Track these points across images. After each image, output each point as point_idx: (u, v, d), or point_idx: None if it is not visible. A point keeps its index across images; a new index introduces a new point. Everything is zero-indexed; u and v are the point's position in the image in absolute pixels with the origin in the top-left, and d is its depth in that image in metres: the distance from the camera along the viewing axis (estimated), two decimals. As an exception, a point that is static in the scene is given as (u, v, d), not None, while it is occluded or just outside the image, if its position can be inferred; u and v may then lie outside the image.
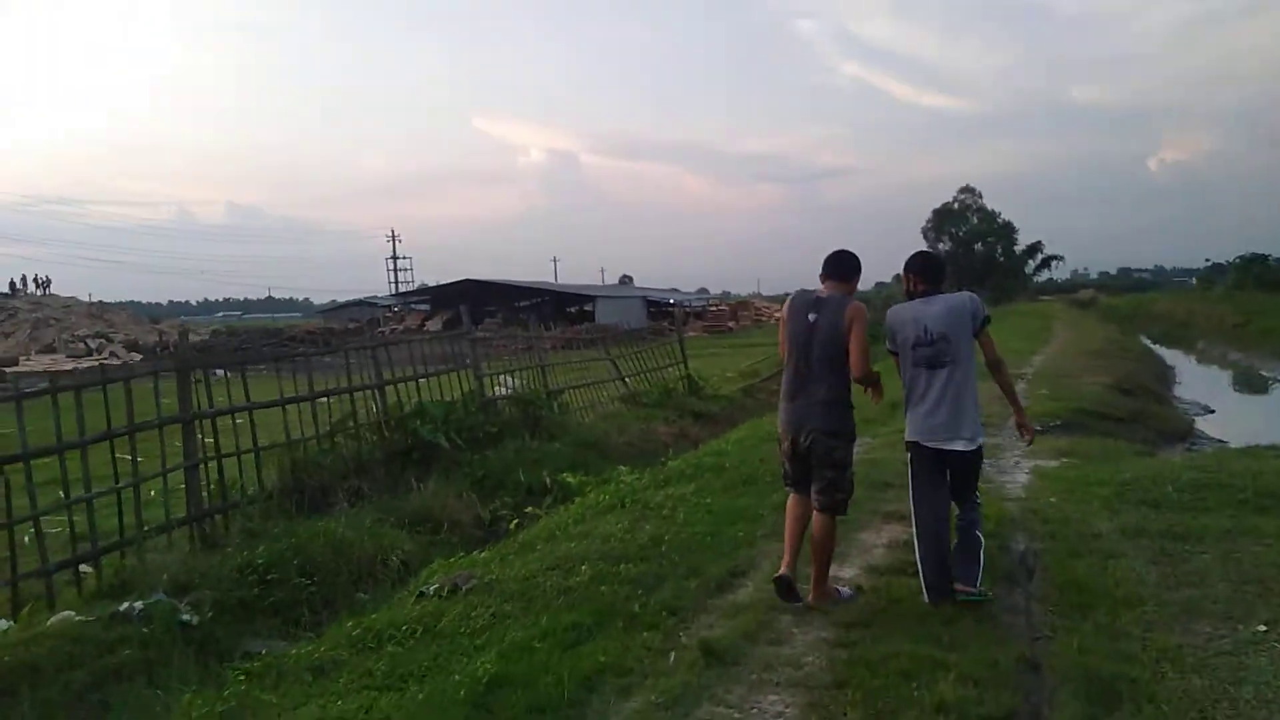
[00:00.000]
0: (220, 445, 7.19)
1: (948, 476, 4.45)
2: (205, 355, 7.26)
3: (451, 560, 5.94)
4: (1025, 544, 5.42)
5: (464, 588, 5.02)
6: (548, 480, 8.85)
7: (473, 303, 55.84)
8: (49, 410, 5.97)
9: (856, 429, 4.56)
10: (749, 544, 5.65)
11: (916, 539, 4.45)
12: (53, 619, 5.31)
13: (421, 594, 5.05)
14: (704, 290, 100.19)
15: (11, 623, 5.35)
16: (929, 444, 4.38)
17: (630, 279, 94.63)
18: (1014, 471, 7.61)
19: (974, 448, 4.39)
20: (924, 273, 4.56)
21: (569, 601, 4.65)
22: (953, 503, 4.54)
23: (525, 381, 12.40)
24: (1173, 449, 11.08)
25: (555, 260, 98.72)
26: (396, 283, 73.91)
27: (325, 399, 8.39)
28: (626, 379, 14.80)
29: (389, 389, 9.31)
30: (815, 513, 4.46)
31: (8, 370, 27.41)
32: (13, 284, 51.92)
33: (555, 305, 59.20)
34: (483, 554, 5.81)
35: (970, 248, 70.27)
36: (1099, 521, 5.72)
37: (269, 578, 5.92)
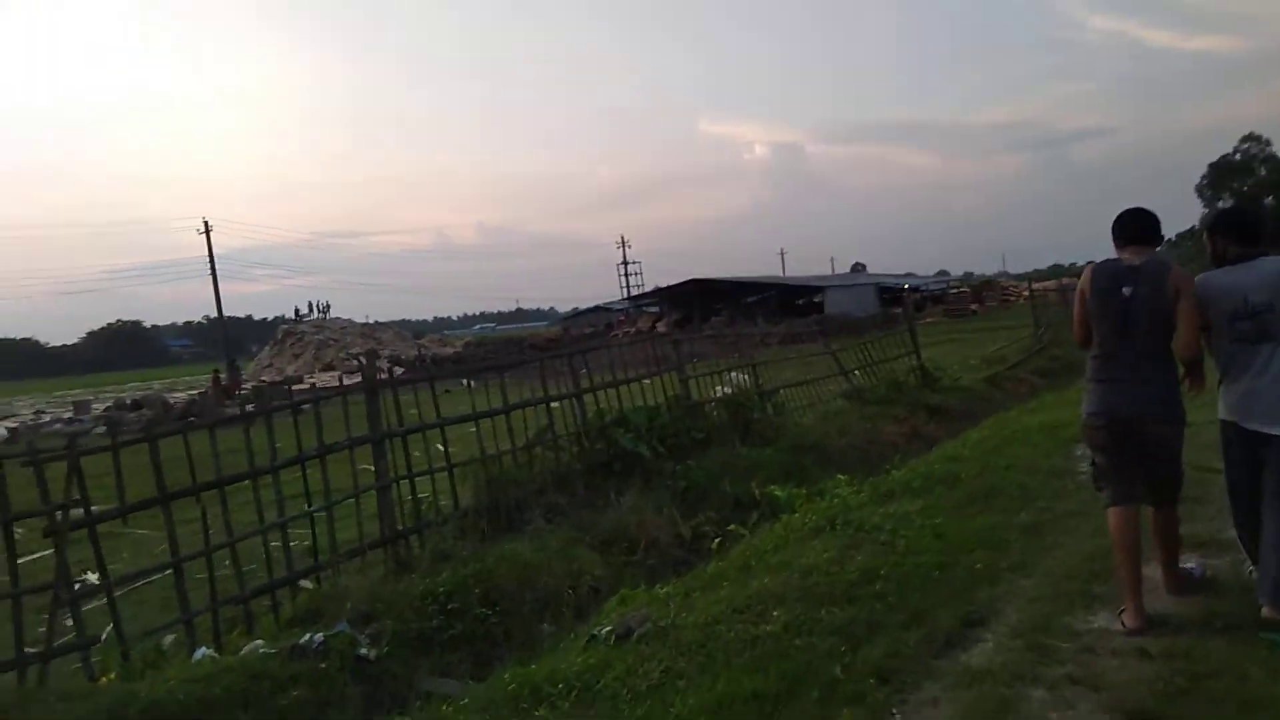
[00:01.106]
0: (411, 464, 7.02)
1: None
2: (392, 376, 7.13)
3: (635, 592, 5.29)
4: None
5: (637, 631, 4.34)
6: (756, 493, 8.02)
7: (700, 302, 56.16)
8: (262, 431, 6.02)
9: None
10: (990, 580, 4.54)
11: (1238, 529, 4.00)
12: (244, 648, 5.24)
13: (592, 638, 4.43)
14: (943, 273, 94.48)
15: (212, 651, 5.35)
16: (1248, 426, 3.79)
17: (863, 266, 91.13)
18: None
19: None
20: (1240, 232, 3.93)
21: (754, 658, 3.83)
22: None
23: (739, 382, 11.66)
24: None
25: (782, 253, 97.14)
26: (628, 287, 75.65)
27: (522, 410, 8.08)
28: (850, 373, 13.60)
29: (590, 397, 8.91)
30: (1157, 510, 3.98)
31: (293, 387, 30.63)
32: (297, 311, 58.49)
33: (782, 299, 58.05)
34: (664, 588, 5.10)
35: (1259, 203, 61.02)
36: None
37: (450, 607, 5.58)
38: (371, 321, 64.38)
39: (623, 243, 76.71)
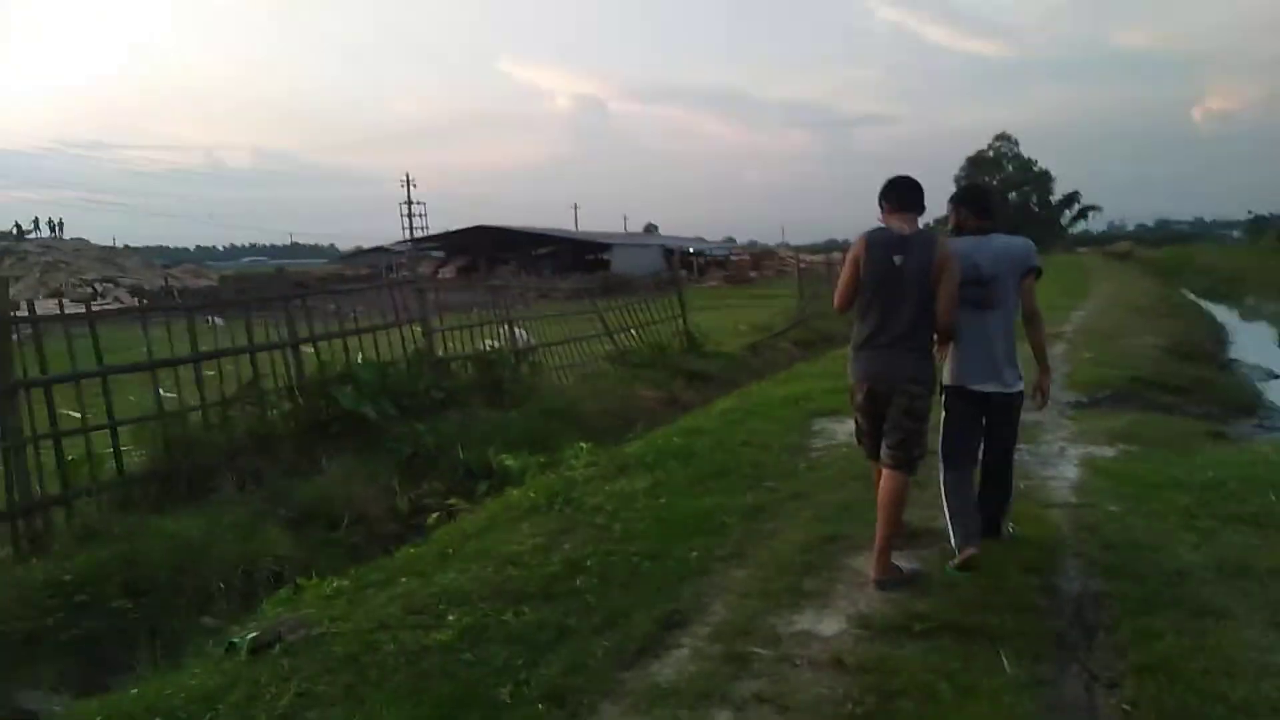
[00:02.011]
0: (57, 420, 5.77)
1: (983, 424, 4.22)
2: (33, 313, 5.78)
3: (311, 583, 4.51)
4: (1081, 583, 3.90)
5: (288, 639, 3.59)
6: (494, 461, 7.39)
7: (488, 250, 54.44)
8: None
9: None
10: (700, 572, 4.16)
11: (946, 493, 4.16)
12: None
13: (231, 645, 3.62)
14: (730, 239, 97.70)
15: None
16: (972, 387, 4.12)
17: (655, 227, 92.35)
18: (1059, 462, 6.04)
19: (1017, 390, 4.17)
20: (978, 207, 4.27)
21: (413, 677, 3.19)
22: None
23: (509, 337, 10.96)
24: (1243, 425, 9.41)
25: (575, 207, 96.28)
26: (412, 229, 72.02)
27: (217, 360, 6.93)
28: (615, 335, 13.25)
29: (322, 346, 7.88)
30: (886, 471, 4.00)
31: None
32: (18, 226, 50.98)
33: (572, 253, 57.56)
34: (336, 582, 4.35)
35: (1005, 197, 67.68)
36: (1182, 549, 4.17)
37: (78, 599, 4.55)
38: (119, 245, 57.48)
39: (407, 180, 72.60)
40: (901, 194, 4.04)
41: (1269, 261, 37.25)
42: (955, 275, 3.92)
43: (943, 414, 4.23)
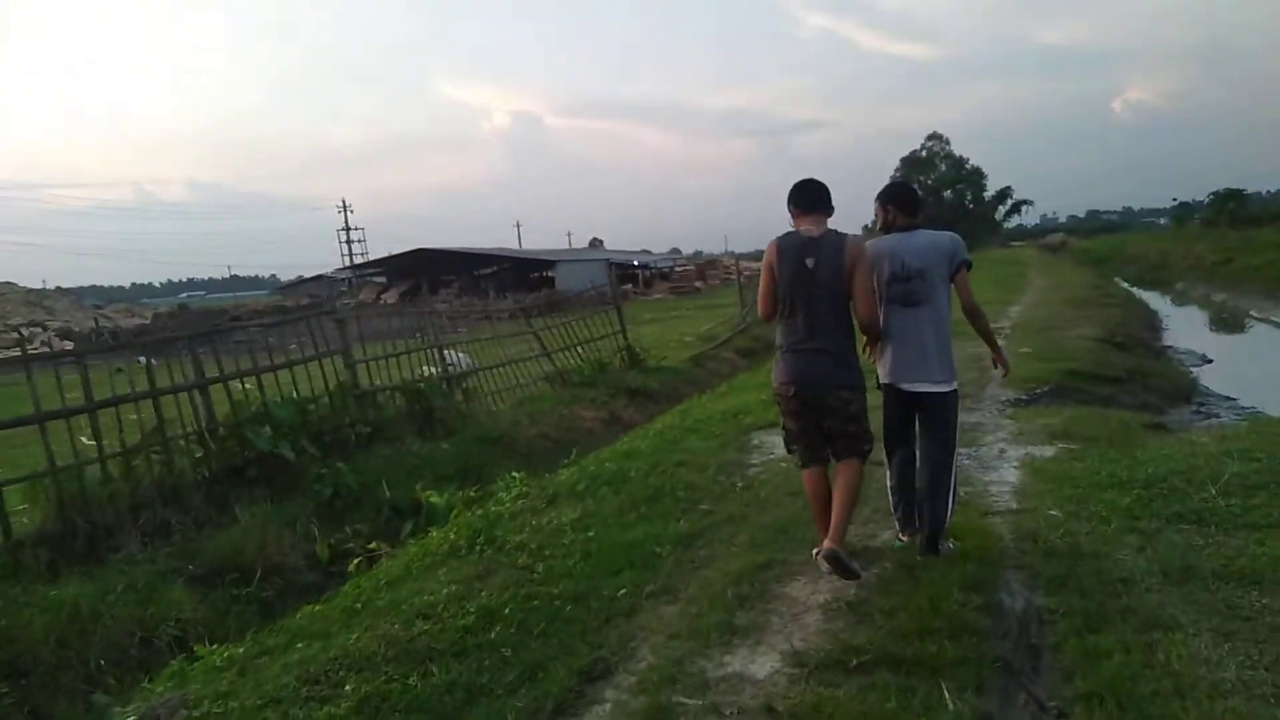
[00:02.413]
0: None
1: (916, 422, 4.21)
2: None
3: (208, 651, 4.13)
4: (1024, 599, 3.71)
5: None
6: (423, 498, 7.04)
7: (429, 273, 53.71)
8: None
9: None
10: (628, 611, 3.89)
11: (889, 473, 4.31)
12: None
13: (105, 733, 3.26)
14: (676, 250, 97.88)
15: None
16: (903, 385, 4.13)
17: (600, 242, 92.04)
18: (999, 465, 5.89)
19: (949, 389, 4.13)
20: (902, 203, 4.24)
21: (299, 762, 2.87)
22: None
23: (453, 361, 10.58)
24: (1181, 413, 9.46)
25: (518, 225, 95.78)
26: (351, 255, 70.87)
27: (115, 407, 6.49)
28: (553, 354, 12.95)
29: (239, 385, 7.46)
30: (841, 462, 4.03)
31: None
32: (-63, 274, 48.91)
33: (516, 272, 57.05)
34: (227, 651, 3.98)
35: (940, 195, 68.94)
36: (1125, 553, 4.01)
37: (-57, 687, 4.12)
38: (51, 288, 55.62)
39: (344, 206, 71.58)
40: (807, 196, 4.05)
41: (1194, 247, 38.24)
42: (869, 272, 3.92)
43: (883, 414, 4.27)
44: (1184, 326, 18.78)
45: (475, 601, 4.05)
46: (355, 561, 5.81)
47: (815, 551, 4.02)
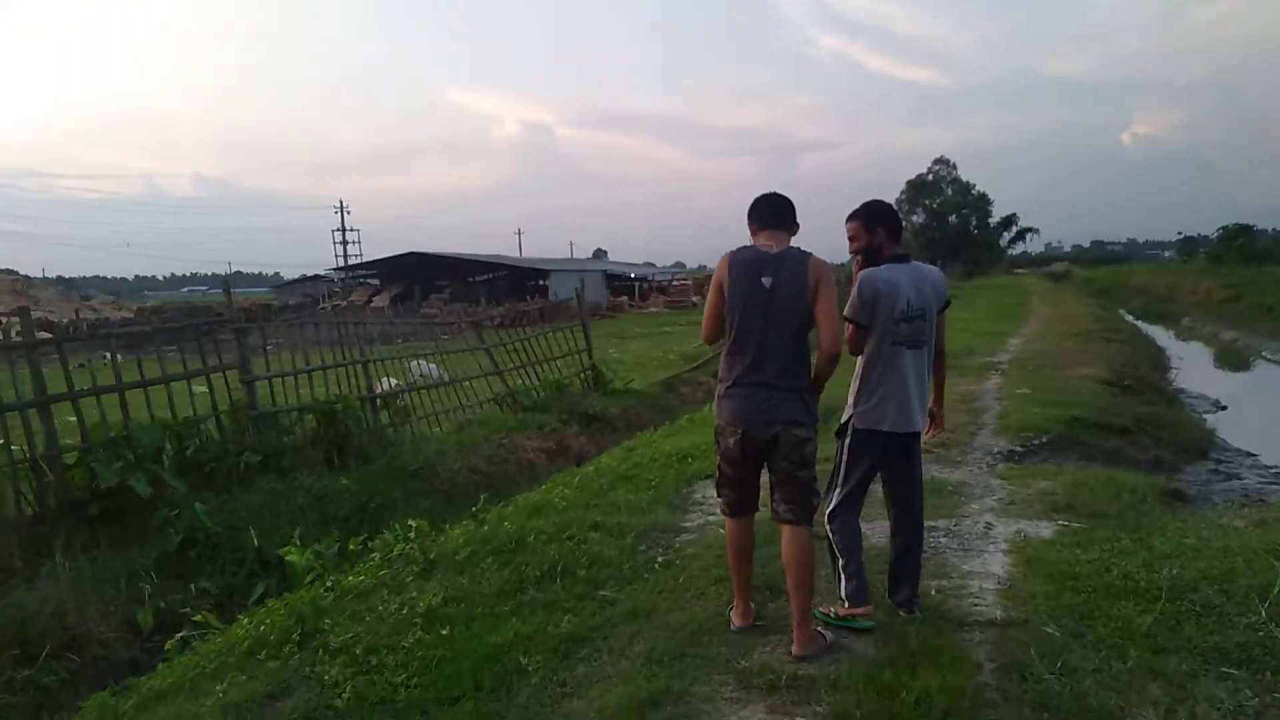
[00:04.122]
0: None
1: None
2: None
3: None
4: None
5: None
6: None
7: (423, 277, 52.87)
8: None
9: None
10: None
11: (838, 539, 3.73)
12: None
13: None
14: (680, 264, 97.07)
15: None
16: (889, 430, 3.66)
17: (604, 253, 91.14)
18: (983, 547, 4.74)
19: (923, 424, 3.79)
20: (893, 227, 3.78)
21: None
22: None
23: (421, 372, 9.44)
24: (1197, 472, 8.31)
25: (519, 232, 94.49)
26: (346, 256, 69.79)
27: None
28: (504, 374, 11.81)
29: (99, 400, 6.33)
30: (788, 529, 3.48)
31: None
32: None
33: (513, 280, 55.94)
34: None
35: (945, 220, 67.91)
36: (1148, 715, 2.87)
37: None
38: (52, 277, 54.62)
39: (341, 207, 70.63)
40: (769, 209, 3.59)
41: (1201, 282, 37.17)
42: (835, 296, 3.44)
43: (843, 455, 3.76)
44: (1193, 366, 17.62)
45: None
46: (175, 639, 4.64)
47: (729, 621, 3.70)
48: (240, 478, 6.95)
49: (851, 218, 3.78)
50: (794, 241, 3.62)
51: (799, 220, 3.65)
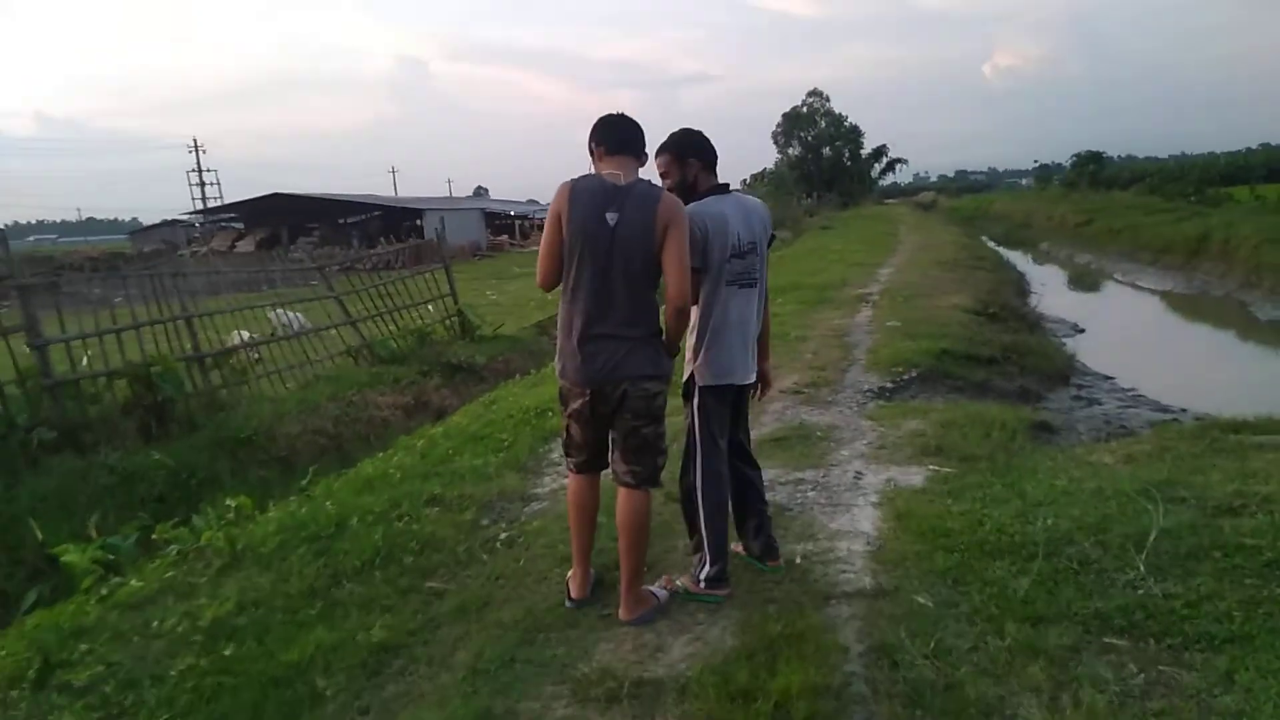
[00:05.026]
0: None
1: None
2: None
3: None
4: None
5: None
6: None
7: (291, 220, 50.08)
8: None
9: None
10: None
11: (702, 496, 3.30)
12: None
13: None
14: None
15: None
16: (736, 383, 3.36)
17: (485, 191, 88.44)
18: (853, 500, 4.41)
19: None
20: (708, 157, 3.38)
21: None
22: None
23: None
24: (1061, 398, 8.36)
25: (393, 171, 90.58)
26: (204, 198, 65.14)
27: None
28: (358, 324, 10.94)
29: None
30: (625, 491, 3.16)
31: None
32: None
33: (385, 221, 53.45)
34: None
35: (819, 152, 68.60)
36: (1027, 708, 2.55)
37: None
38: None
39: (196, 146, 65.64)
40: (618, 132, 3.14)
41: (1056, 208, 38.78)
42: (685, 239, 3.02)
43: (694, 418, 3.35)
44: (1052, 291, 18.21)
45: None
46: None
47: (566, 590, 3.37)
48: (30, 458, 6.02)
49: (661, 150, 3.38)
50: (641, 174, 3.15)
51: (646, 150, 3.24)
